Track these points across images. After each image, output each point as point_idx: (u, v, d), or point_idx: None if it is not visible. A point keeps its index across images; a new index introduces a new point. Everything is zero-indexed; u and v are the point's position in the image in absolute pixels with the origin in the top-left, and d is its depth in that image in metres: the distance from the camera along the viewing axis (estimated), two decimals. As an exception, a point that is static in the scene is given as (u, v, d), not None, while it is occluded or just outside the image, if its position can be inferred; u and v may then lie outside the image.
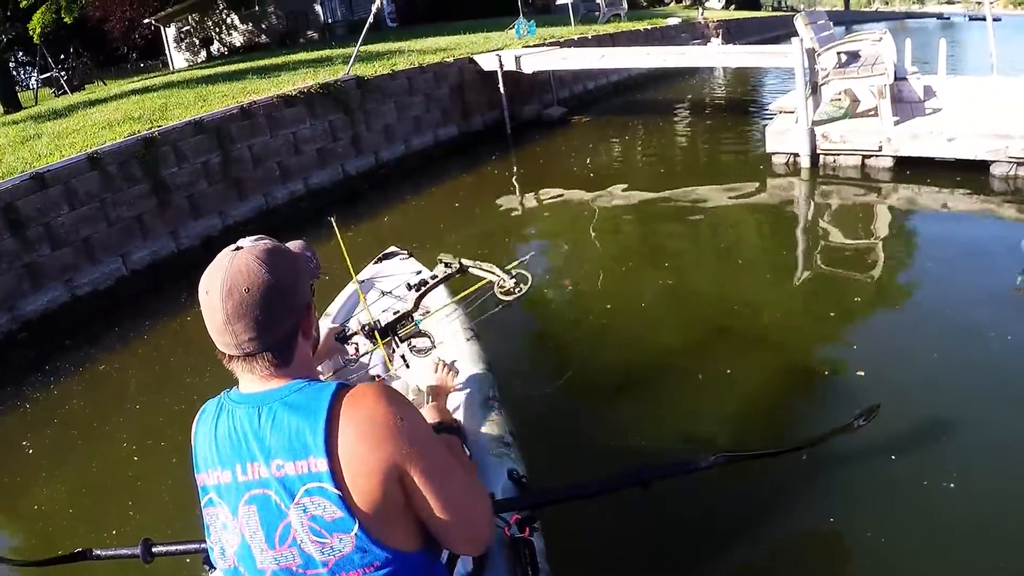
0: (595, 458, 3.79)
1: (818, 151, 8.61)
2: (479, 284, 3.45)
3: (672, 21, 23.32)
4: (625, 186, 9.10)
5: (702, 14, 27.31)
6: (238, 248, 1.43)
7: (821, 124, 8.69)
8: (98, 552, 2.29)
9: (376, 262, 4.32)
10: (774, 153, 8.97)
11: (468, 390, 2.92)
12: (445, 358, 2.97)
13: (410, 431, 1.39)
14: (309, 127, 9.51)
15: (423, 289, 3.35)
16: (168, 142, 7.89)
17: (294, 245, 1.77)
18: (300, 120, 9.43)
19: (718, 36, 22.41)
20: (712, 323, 5.26)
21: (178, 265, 7.50)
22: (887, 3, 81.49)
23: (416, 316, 3.30)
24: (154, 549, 2.19)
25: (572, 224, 8.05)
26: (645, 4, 37.56)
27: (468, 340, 3.35)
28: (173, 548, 2.22)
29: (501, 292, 3.32)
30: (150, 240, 7.52)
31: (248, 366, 1.43)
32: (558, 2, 21.73)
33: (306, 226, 8.23)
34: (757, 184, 8.61)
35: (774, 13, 42.44)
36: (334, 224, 3.76)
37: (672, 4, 39.82)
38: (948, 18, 55.47)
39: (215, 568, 2.03)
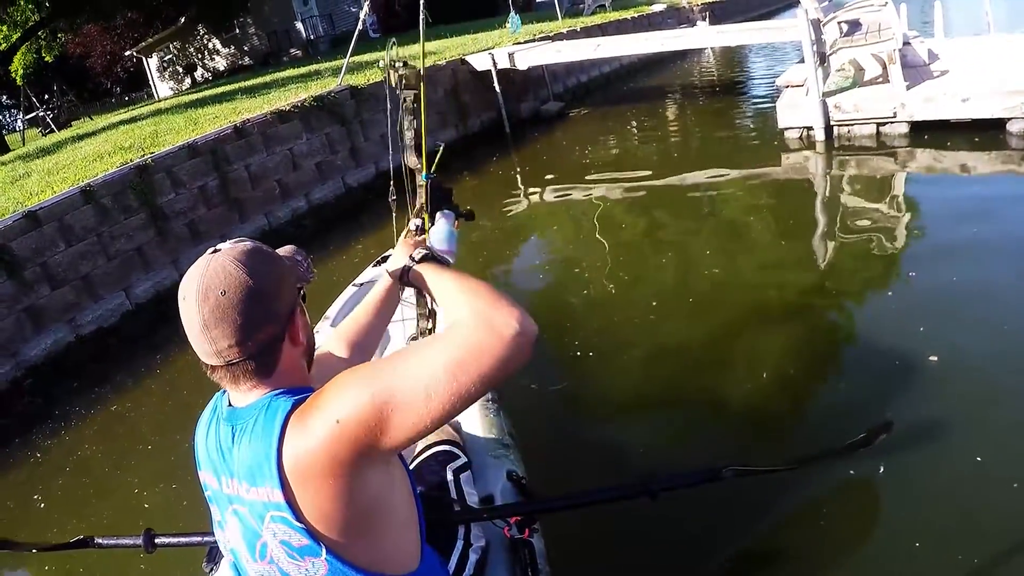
0: (597, 460, 3.66)
1: (832, 122, 8.38)
2: None
3: (657, 7, 23.13)
4: (634, 175, 8.83)
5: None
6: (216, 251, 1.34)
7: (832, 95, 8.46)
8: (100, 540, 2.30)
9: (375, 265, 4.28)
10: (787, 128, 8.72)
11: None
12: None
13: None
14: (306, 141, 9.23)
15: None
16: (162, 168, 7.61)
17: (284, 250, 1.60)
18: (296, 135, 9.15)
19: (704, 19, 22.23)
20: (735, 314, 4.92)
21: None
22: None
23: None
24: (157, 540, 2.20)
25: (581, 218, 7.77)
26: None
27: None
28: (176, 540, 2.23)
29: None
30: (152, 271, 7.24)
31: (231, 376, 1.34)
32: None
33: (311, 244, 8.00)
34: (773, 161, 8.34)
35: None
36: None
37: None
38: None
39: (216, 568, 2.13)
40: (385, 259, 4.19)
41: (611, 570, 2.97)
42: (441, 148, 2.28)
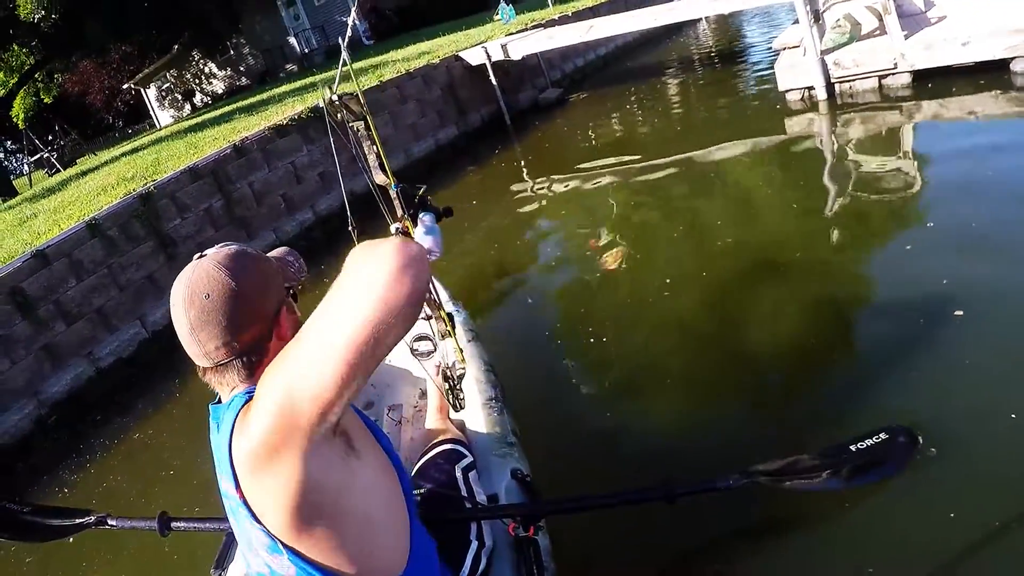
0: (607, 454, 3.55)
1: (832, 80, 8.26)
2: None
3: (647, -16, 22.97)
4: (640, 154, 8.70)
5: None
6: (201, 256, 1.40)
7: (830, 52, 8.32)
8: (113, 522, 2.33)
9: None
10: (788, 90, 8.61)
11: (470, 391, 2.87)
12: (447, 360, 2.93)
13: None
14: (307, 153, 9.19)
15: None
16: (166, 195, 7.60)
17: (277, 252, 1.66)
18: (296, 148, 9.11)
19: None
20: (751, 287, 4.71)
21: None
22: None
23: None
24: (172, 524, 2.24)
25: (589, 202, 7.66)
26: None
27: (470, 341, 3.27)
28: (191, 525, 2.26)
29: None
30: (165, 297, 7.12)
31: (220, 377, 1.38)
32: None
33: (322, 253, 7.99)
34: (777, 126, 8.19)
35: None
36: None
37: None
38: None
39: (224, 573, 2.18)
40: None
41: (617, 567, 2.89)
42: (423, 189, 2.43)
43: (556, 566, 2.16)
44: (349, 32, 4.27)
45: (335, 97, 2.16)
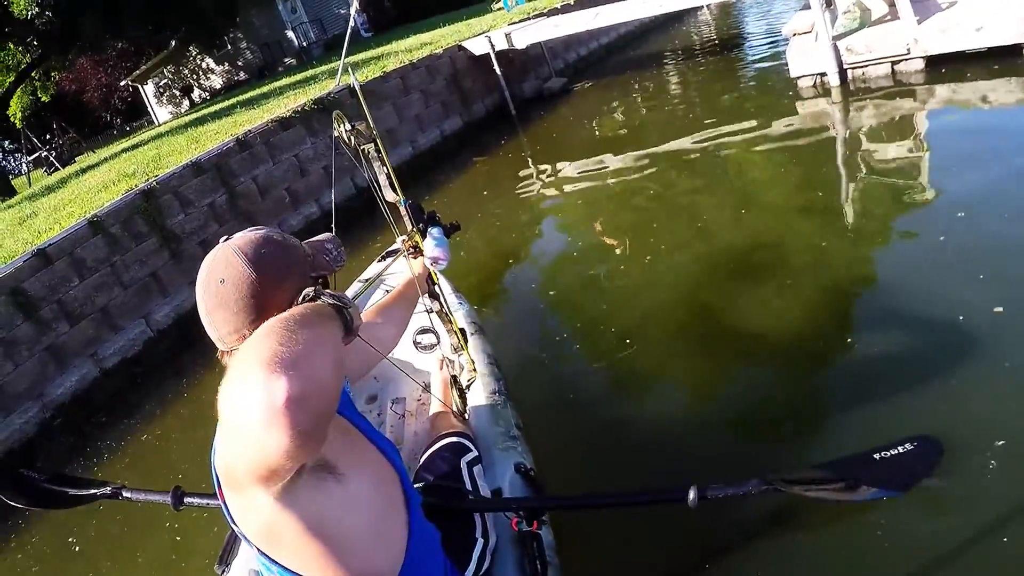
0: (611, 455, 3.45)
1: (845, 66, 8.11)
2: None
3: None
4: (648, 143, 8.55)
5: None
6: (228, 238, 1.38)
7: (841, 38, 8.17)
8: (127, 494, 2.34)
9: (380, 259, 4.12)
10: (800, 77, 8.47)
11: (474, 384, 2.88)
12: (448, 354, 2.92)
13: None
14: (311, 146, 9.03)
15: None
16: (168, 190, 7.43)
17: (319, 238, 1.61)
18: (300, 140, 8.95)
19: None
20: (767, 281, 4.50)
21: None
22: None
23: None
24: (186, 499, 2.26)
25: (597, 192, 7.48)
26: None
27: (473, 334, 3.24)
28: (204, 501, 2.28)
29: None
30: (170, 295, 7.06)
31: None
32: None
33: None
34: (789, 112, 8.04)
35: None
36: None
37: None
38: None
39: (228, 570, 2.22)
40: (390, 254, 4.13)
41: (621, 563, 2.83)
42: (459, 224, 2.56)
43: (560, 561, 2.14)
44: (350, 31, 4.19)
45: (346, 128, 2.24)
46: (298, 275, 1.40)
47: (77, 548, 4.25)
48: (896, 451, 2.20)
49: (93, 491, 2.46)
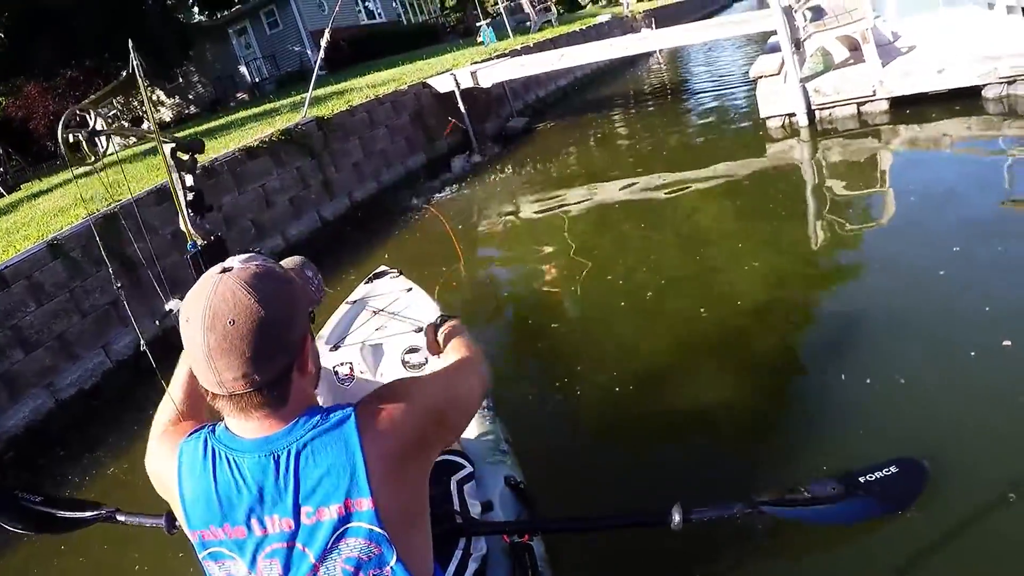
0: (597, 472, 3.51)
1: (813, 107, 8.32)
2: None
3: (602, 18, 23.45)
4: (612, 183, 8.60)
5: (628, 8, 27.51)
6: (225, 270, 1.23)
7: (809, 80, 8.40)
8: (121, 517, 2.28)
9: (367, 282, 4.28)
10: (768, 117, 8.67)
11: None
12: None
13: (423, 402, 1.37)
14: (277, 177, 8.88)
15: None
16: (131, 216, 7.19)
17: (291, 262, 1.58)
18: (267, 171, 8.79)
19: (649, 26, 22.41)
20: (747, 316, 4.58)
21: (164, 345, 6.76)
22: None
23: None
24: (178, 522, 2.07)
25: (562, 230, 7.48)
26: (562, 11, 37.52)
27: None
28: None
29: None
30: (131, 325, 6.79)
31: (237, 406, 1.25)
32: (478, 24, 21.38)
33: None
34: (757, 153, 8.21)
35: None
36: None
37: (589, 5, 40.06)
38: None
39: None
40: (378, 276, 4.30)
41: (613, 572, 2.88)
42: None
43: (553, 571, 2.16)
44: (320, 58, 4.28)
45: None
46: (303, 312, 1.32)
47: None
48: (882, 473, 2.19)
49: (88, 514, 2.34)
